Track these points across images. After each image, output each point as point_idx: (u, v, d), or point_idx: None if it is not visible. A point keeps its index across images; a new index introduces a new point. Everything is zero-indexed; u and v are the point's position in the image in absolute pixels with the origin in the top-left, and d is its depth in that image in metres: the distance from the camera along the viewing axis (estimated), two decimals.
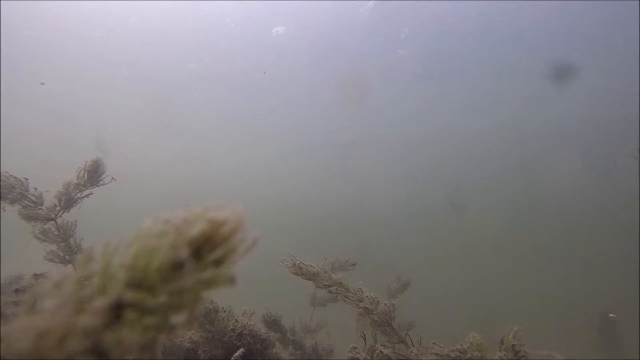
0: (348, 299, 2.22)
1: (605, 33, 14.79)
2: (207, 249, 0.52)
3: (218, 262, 0.52)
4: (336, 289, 2.25)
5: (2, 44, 13.80)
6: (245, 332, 2.24)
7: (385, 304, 2.15)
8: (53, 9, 13.35)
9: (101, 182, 2.74)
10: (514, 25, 14.82)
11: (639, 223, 11.07)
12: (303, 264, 2.32)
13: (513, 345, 1.61)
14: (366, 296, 2.20)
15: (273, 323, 3.09)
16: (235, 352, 2.04)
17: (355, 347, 1.88)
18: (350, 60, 16.63)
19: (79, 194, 2.73)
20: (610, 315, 7.62)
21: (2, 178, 2.49)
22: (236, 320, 2.28)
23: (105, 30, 14.74)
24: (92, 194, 2.78)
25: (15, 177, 2.54)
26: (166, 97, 18.48)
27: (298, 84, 17.68)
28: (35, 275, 2.11)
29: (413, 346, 1.98)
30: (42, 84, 15.17)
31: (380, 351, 1.82)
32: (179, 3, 13.78)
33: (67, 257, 2.74)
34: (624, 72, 16.16)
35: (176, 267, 0.50)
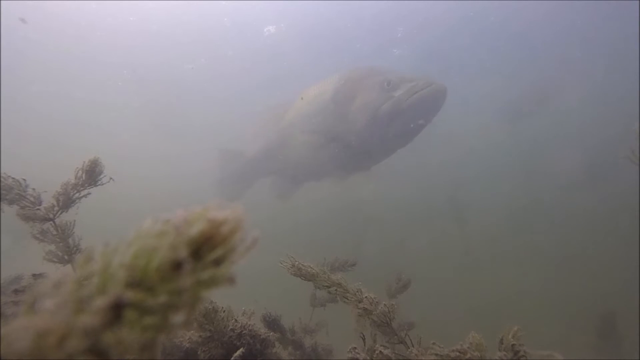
0: (347, 299, 2.21)
1: (605, 32, 14.81)
2: (207, 248, 0.52)
3: (218, 262, 0.52)
4: (335, 290, 2.25)
5: (1, 44, 13.77)
6: (245, 332, 2.23)
7: (384, 304, 2.15)
8: (52, 9, 13.33)
9: (99, 182, 2.72)
10: (512, 24, 14.83)
11: (639, 224, 11.06)
12: (302, 264, 2.32)
13: (513, 345, 1.61)
14: (365, 297, 2.19)
15: (273, 323, 3.08)
16: (235, 352, 2.04)
17: (355, 348, 1.88)
18: (346, 59, 16.61)
19: (77, 194, 2.71)
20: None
21: (1, 179, 2.48)
22: (236, 320, 2.28)
23: (105, 31, 14.74)
24: (90, 194, 2.77)
25: (13, 178, 2.53)
26: (166, 97, 18.48)
27: (294, 83, 17.66)
28: (34, 275, 2.11)
29: (413, 346, 1.97)
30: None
31: (380, 351, 1.81)
32: (179, 3, 13.79)
33: (66, 257, 2.73)
34: (624, 71, 16.18)
35: (176, 267, 0.50)
